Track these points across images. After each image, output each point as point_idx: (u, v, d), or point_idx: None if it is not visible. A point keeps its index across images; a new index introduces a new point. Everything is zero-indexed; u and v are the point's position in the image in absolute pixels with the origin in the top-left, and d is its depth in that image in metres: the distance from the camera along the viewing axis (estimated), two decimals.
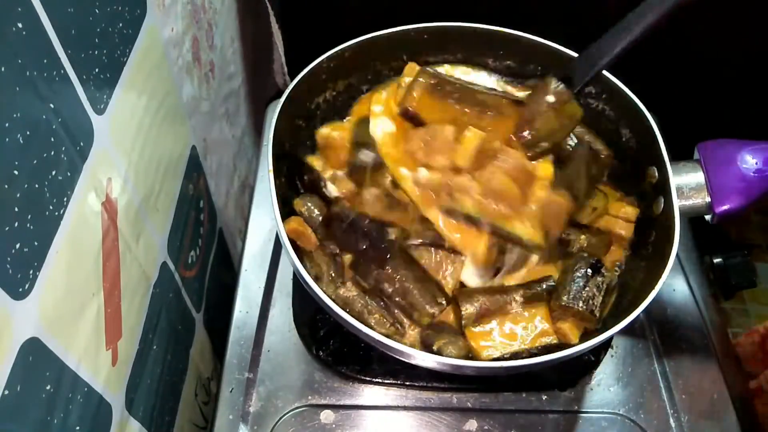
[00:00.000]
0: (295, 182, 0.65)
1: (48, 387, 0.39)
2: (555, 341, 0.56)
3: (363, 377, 0.62)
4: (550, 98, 0.59)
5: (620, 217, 0.63)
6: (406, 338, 0.58)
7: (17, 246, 0.35)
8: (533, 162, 0.59)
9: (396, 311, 0.58)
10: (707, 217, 0.58)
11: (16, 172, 0.35)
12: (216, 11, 0.76)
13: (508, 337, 0.57)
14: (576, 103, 0.60)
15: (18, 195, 0.36)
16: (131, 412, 0.54)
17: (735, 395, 0.63)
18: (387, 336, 0.52)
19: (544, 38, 0.66)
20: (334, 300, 0.53)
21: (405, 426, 0.61)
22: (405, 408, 0.61)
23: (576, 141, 0.64)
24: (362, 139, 0.63)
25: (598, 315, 0.58)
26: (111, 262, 0.49)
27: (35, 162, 0.38)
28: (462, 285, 0.60)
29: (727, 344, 0.68)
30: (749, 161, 0.56)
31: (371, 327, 0.52)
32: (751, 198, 0.56)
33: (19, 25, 0.36)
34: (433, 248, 0.59)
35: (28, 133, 0.36)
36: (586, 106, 0.67)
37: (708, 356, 0.65)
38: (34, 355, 0.37)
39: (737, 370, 0.67)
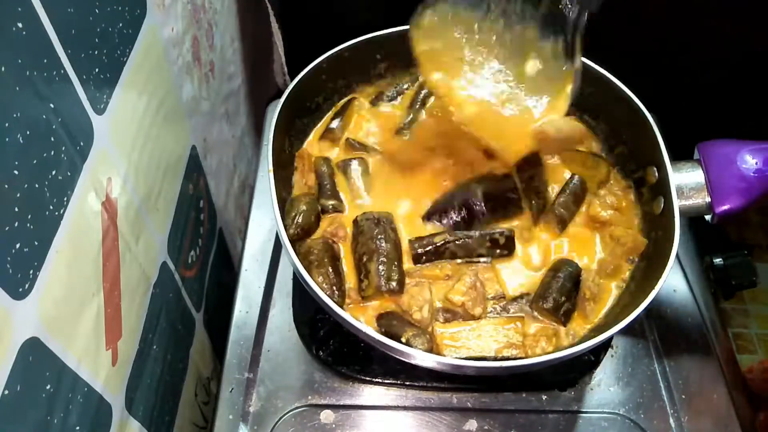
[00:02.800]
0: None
1: (48, 387, 0.39)
2: (521, 355, 0.55)
3: (363, 377, 0.62)
4: None
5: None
6: (345, 307, 0.57)
7: (17, 246, 0.35)
8: None
9: (340, 277, 0.58)
10: (707, 217, 0.58)
11: (16, 172, 0.35)
12: (216, 11, 0.76)
13: (475, 341, 0.56)
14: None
15: (18, 195, 0.36)
16: (131, 412, 0.54)
17: (735, 395, 0.63)
18: (329, 298, 0.52)
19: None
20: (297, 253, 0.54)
21: (405, 426, 0.61)
22: (405, 408, 0.61)
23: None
24: None
25: (565, 326, 0.57)
26: (111, 262, 0.49)
27: (35, 162, 0.38)
28: None
29: (727, 344, 0.68)
30: (749, 161, 0.56)
31: (316, 282, 0.53)
32: (751, 198, 0.56)
33: (19, 25, 0.36)
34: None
35: (28, 133, 0.36)
36: (586, 105, 0.68)
37: (708, 356, 0.65)
38: (34, 355, 0.37)
39: (737, 370, 0.67)
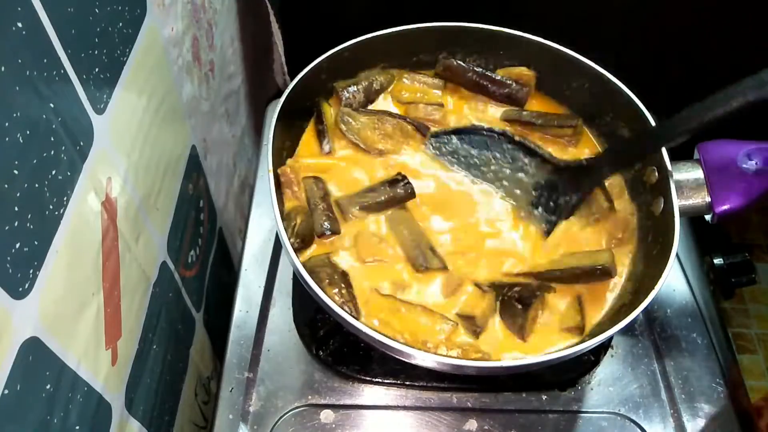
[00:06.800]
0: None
1: (48, 387, 0.39)
2: (433, 350, 0.55)
3: (363, 377, 0.62)
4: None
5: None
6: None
7: (17, 245, 0.35)
8: None
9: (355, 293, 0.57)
10: (707, 217, 0.58)
11: (16, 172, 0.35)
12: (216, 11, 0.76)
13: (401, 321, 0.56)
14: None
15: (18, 195, 0.36)
16: (131, 412, 0.54)
17: (735, 395, 0.63)
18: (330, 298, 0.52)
19: (545, 39, 0.66)
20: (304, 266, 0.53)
21: (405, 426, 0.61)
22: (405, 408, 0.61)
23: None
24: None
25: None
26: (111, 261, 0.49)
27: (35, 162, 0.38)
28: None
29: (728, 344, 0.68)
30: (749, 161, 0.56)
31: (331, 298, 0.52)
32: (751, 198, 0.56)
33: (19, 24, 0.36)
34: None
35: (28, 132, 0.36)
36: (585, 107, 0.68)
37: (708, 356, 0.65)
38: (34, 355, 0.38)
39: (737, 369, 0.67)
